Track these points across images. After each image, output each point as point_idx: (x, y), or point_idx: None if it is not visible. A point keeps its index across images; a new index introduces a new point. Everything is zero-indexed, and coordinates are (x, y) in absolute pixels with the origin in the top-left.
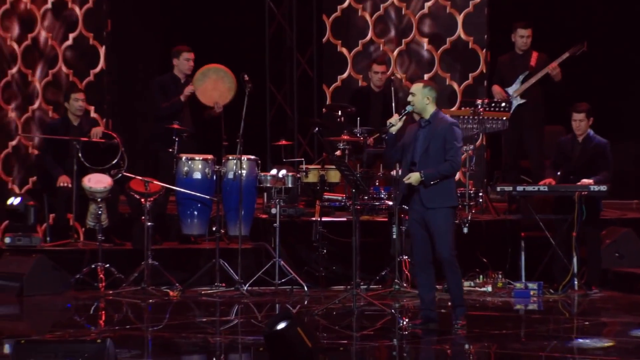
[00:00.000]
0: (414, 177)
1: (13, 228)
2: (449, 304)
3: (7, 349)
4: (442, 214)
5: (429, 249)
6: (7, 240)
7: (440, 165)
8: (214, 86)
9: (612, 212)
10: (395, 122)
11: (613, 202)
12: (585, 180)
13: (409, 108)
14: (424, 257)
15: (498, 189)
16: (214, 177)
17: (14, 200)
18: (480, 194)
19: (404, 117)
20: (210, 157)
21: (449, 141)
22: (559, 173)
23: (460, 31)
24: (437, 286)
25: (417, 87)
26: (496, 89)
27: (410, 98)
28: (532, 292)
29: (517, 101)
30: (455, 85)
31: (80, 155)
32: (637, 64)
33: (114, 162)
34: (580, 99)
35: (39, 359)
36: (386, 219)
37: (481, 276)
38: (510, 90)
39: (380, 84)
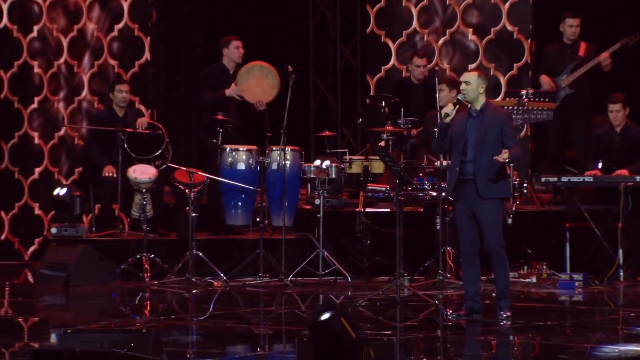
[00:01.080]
0: (506, 155)
1: (59, 218)
2: (493, 295)
3: (53, 338)
4: (493, 204)
5: (477, 240)
6: (54, 230)
7: (511, 150)
8: (258, 83)
9: None
10: (451, 112)
11: None
12: (620, 171)
13: (460, 97)
14: (471, 249)
15: (543, 179)
16: (258, 168)
17: (60, 191)
18: (525, 184)
19: (458, 107)
20: (254, 148)
21: (508, 131)
22: (599, 165)
23: (504, 21)
24: (482, 277)
25: (471, 76)
26: (544, 79)
27: (463, 87)
28: (577, 284)
29: (565, 91)
30: (499, 76)
31: (125, 145)
32: None
33: (158, 152)
34: (624, 89)
35: (84, 348)
36: (423, 210)
37: (525, 267)
38: (559, 80)
39: (421, 77)
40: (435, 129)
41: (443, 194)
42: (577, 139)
